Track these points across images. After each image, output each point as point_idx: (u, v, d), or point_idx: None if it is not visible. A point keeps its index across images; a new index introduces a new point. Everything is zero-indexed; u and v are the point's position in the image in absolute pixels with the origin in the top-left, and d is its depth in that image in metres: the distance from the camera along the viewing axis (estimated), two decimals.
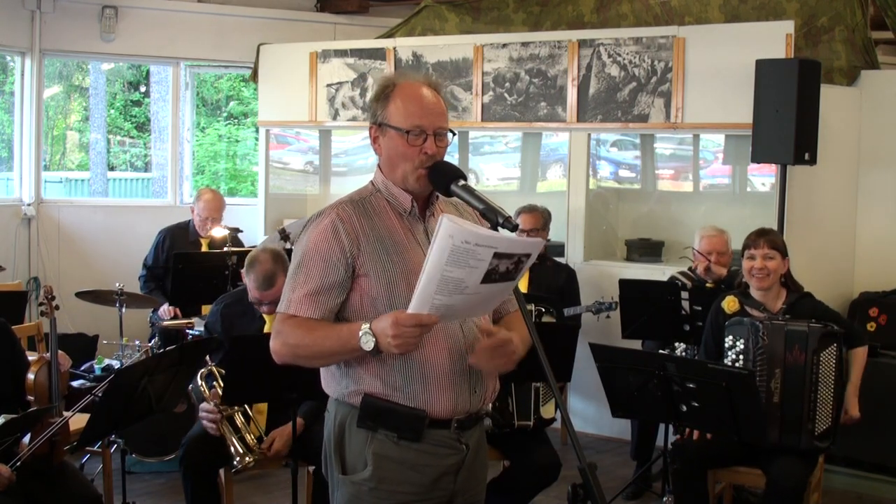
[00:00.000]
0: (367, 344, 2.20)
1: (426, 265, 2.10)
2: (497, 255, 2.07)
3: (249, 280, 3.99)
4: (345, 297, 2.33)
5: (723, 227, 5.14)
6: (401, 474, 2.32)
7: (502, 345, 2.30)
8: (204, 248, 6.08)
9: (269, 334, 3.94)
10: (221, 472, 3.98)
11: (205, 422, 3.86)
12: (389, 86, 2.41)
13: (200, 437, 3.92)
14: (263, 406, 4.03)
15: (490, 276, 2.11)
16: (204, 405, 3.87)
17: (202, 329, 5.27)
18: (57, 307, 4.13)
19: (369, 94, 2.53)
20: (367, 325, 2.22)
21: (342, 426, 2.37)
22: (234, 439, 3.84)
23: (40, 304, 4.17)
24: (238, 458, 3.80)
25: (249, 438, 3.87)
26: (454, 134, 2.45)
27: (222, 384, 3.86)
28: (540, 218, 5.53)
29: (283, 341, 2.33)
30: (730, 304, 4.05)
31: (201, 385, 3.94)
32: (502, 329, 2.37)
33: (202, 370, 3.94)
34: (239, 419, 3.90)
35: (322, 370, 2.46)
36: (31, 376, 3.82)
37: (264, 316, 4.08)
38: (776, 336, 3.81)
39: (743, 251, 4.07)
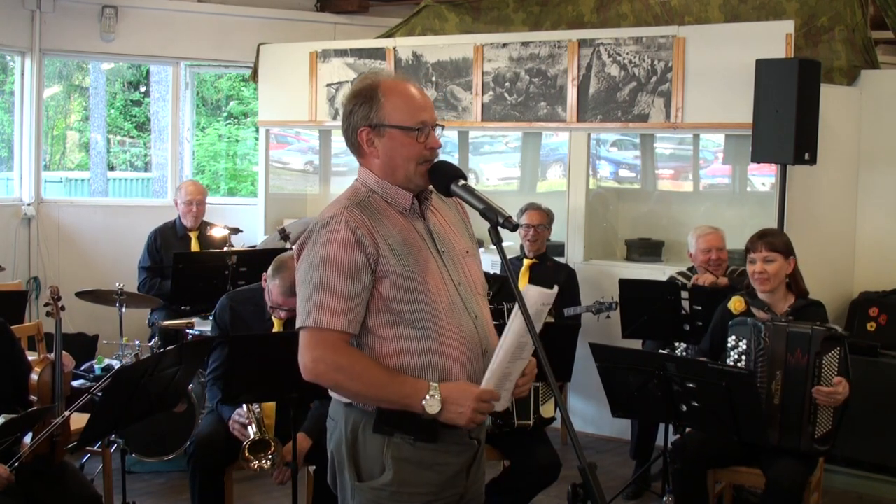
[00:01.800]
0: (433, 408, 2.22)
1: (506, 338, 2.25)
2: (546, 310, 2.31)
3: (274, 284, 3.89)
4: (366, 306, 2.29)
5: (717, 226, 5.15)
6: (420, 476, 2.31)
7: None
8: (193, 243, 6.12)
9: (269, 335, 4.01)
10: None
11: (234, 423, 3.87)
12: (373, 86, 2.34)
13: (209, 436, 3.93)
14: (272, 412, 4.04)
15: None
16: (239, 410, 3.87)
17: (203, 328, 5.29)
18: (63, 308, 4.13)
19: (350, 94, 2.49)
20: (436, 386, 2.24)
21: (355, 432, 2.33)
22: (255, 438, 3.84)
23: (46, 305, 4.18)
24: (253, 459, 3.78)
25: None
26: (443, 128, 2.41)
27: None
28: (545, 216, 5.63)
29: (332, 367, 2.26)
30: (736, 304, 4.01)
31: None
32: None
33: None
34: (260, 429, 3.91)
35: None
36: (34, 377, 3.82)
37: (273, 320, 4.07)
38: (778, 337, 3.78)
39: (746, 254, 4.05)
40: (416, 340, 2.28)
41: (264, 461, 3.76)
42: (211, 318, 4.34)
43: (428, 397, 2.22)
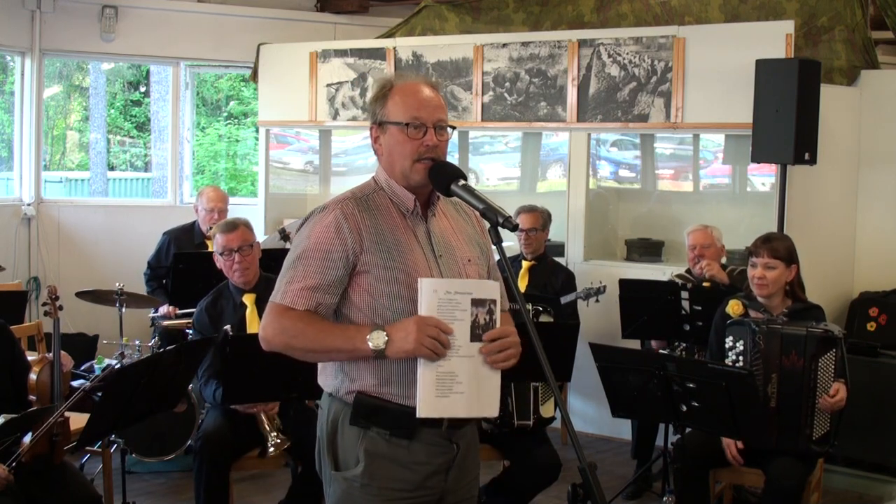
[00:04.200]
0: (378, 340, 2.23)
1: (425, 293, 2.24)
2: (474, 302, 2.27)
3: (216, 237, 4.20)
4: (340, 296, 2.34)
5: (714, 225, 5.16)
6: (392, 471, 2.34)
7: (503, 336, 2.31)
8: (210, 250, 6.06)
9: None
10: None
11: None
12: (387, 86, 2.42)
13: (216, 432, 3.93)
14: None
15: (474, 331, 2.27)
16: None
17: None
18: (61, 307, 4.13)
19: (369, 95, 2.57)
20: (380, 325, 2.26)
21: (335, 423, 2.38)
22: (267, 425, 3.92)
23: (44, 304, 4.18)
24: (273, 443, 3.88)
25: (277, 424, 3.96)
26: (454, 129, 2.45)
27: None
28: (539, 218, 5.51)
29: (278, 330, 2.32)
30: (734, 307, 3.97)
31: None
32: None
33: None
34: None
35: (319, 364, 2.46)
36: (33, 376, 3.83)
37: (245, 301, 4.16)
38: (772, 340, 3.76)
39: (748, 256, 4.04)
40: None
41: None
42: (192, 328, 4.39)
43: (373, 333, 2.25)
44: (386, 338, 2.23)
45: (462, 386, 2.25)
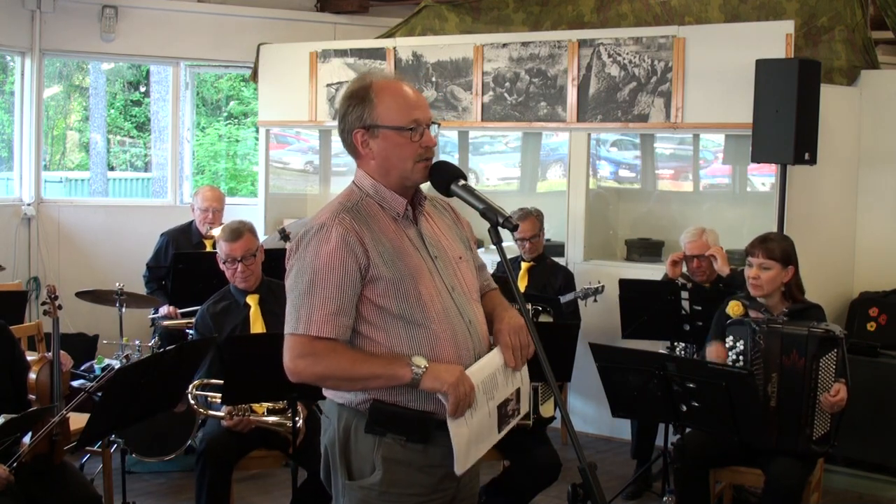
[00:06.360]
0: (420, 363, 2.23)
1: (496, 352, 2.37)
2: (517, 392, 2.41)
3: (220, 244, 4.18)
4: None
5: (714, 226, 5.15)
6: (410, 477, 2.31)
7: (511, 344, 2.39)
8: (209, 250, 6.06)
9: (264, 334, 4.04)
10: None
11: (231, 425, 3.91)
12: (365, 86, 2.35)
13: (221, 434, 3.93)
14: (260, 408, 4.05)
15: (502, 408, 2.36)
16: (224, 422, 3.91)
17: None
18: (60, 307, 4.13)
19: (341, 95, 2.51)
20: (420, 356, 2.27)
21: (347, 431, 2.34)
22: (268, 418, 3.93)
23: (43, 304, 4.17)
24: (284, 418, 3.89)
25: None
26: (438, 125, 2.42)
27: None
28: (536, 222, 5.50)
29: (310, 361, 2.26)
30: (734, 308, 3.95)
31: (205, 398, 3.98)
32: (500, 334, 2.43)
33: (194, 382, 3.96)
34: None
35: None
36: (32, 376, 3.82)
37: (249, 302, 4.16)
38: (772, 339, 3.76)
39: (745, 255, 4.04)
40: (407, 343, 2.29)
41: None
42: (193, 331, 4.39)
43: (414, 359, 2.25)
44: (426, 365, 2.23)
45: (470, 423, 2.29)
